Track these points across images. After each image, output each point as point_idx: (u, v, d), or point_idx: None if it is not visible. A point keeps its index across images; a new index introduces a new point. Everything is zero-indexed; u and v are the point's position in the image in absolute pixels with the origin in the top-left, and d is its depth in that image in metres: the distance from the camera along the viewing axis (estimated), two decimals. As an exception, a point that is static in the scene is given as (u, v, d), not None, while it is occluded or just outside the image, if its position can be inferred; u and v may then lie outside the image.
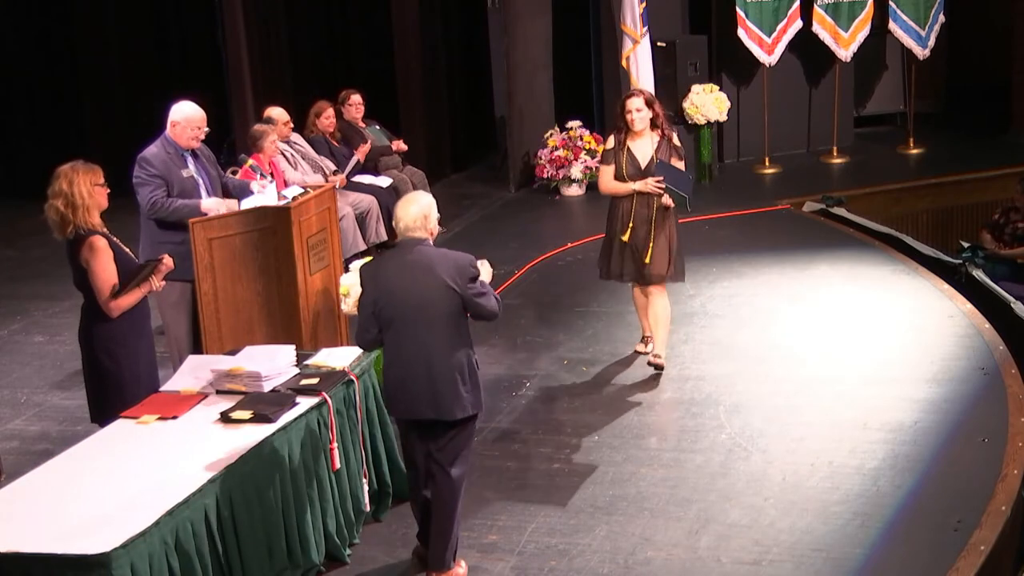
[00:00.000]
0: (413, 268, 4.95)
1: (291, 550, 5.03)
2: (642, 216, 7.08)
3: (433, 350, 4.95)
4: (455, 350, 4.97)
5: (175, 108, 6.65)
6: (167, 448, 4.88)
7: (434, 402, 4.96)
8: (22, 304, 9.47)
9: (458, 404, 4.98)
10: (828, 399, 6.82)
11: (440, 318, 4.93)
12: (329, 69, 13.45)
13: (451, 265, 4.96)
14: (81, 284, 5.51)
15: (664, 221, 7.10)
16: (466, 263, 5.00)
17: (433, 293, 4.92)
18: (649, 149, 7.05)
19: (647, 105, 7.05)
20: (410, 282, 4.94)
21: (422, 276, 4.93)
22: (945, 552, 5.13)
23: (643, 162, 7.04)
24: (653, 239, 7.06)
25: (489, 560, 5.33)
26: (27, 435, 6.98)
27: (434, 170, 11.61)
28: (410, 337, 4.96)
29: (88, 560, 4.01)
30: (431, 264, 4.94)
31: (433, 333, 4.94)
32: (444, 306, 4.93)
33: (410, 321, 4.94)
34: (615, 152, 7.11)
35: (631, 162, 7.06)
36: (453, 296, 4.93)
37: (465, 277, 4.96)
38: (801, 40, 12.55)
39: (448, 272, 4.93)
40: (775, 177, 12.56)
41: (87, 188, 5.41)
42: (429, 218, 5.03)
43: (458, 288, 4.93)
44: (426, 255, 4.98)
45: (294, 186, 7.48)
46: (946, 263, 9.21)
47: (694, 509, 5.68)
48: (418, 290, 4.92)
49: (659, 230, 7.07)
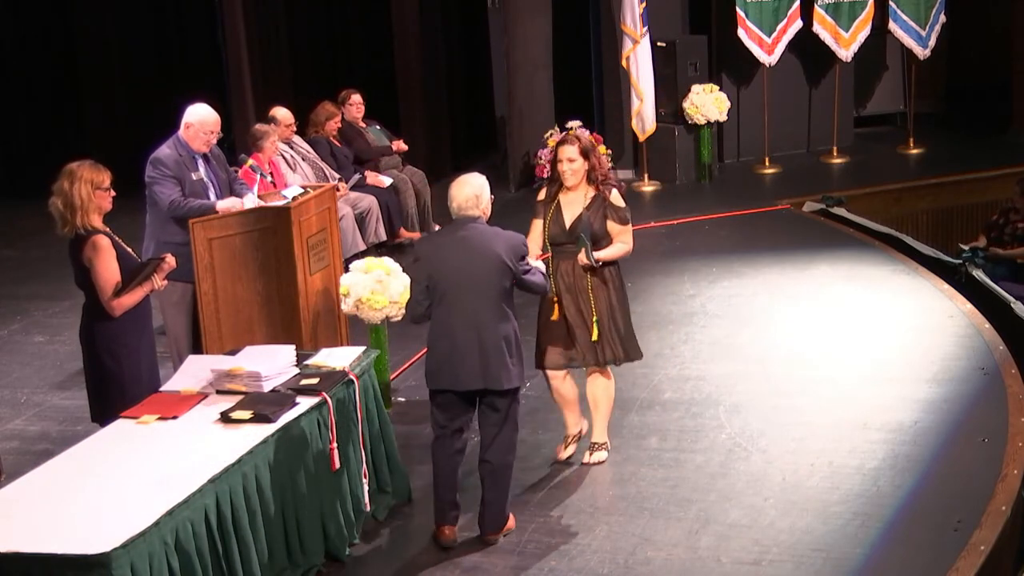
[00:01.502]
0: (469, 244, 5.26)
1: (291, 550, 5.03)
2: (567, 285, 5.89)
3: (484, 323, 5.24)
4: (503, 323, 5.27)
5: (190, 110, 6.65)
6: (167, 448, 4.88)
7: (484, 372, 5.25)
8: (22, 304, 9.47)
9: (505, 374, 5.27)
10: (828, 399, 6.82)
11: (492, 292, 5.24)
12: (329, 69, 13.45)
13: (505, 243, 5.28)
14: (83, 283, 5.51)
15: (604, 285, 5.92)
16: (519, 242, 5.33)
17: (487, 268, 5.23)
18: (579, 207, 5.88)
19: (582, 155, 5.85)
20: (465, 258, 5.24)
21: (478, 252, 5.24)
22: (945, 552, 5.12)
23: (568, 221, 5.87)
24: (595, 310, 5.90)
25: (489, 560, 5.33)
26: (27, 435, 6.98)
27: (434, 170, 11.60)
28: (462, 310, 5.25)
29: (88, 560, 4.01)
30: (487, 241, 5.26)
31: (484, 306, 5.24)
32: (497, 281, 5.24)
33: (463, 294, 5.25)
34: (544, 204, 5.97)
35: (556, 220, 5.89)
36: (506, 272, 5.24)
37: (517, 255, 5.28)
38: (801, 40, 12.54)
39: (504, 249, 5.25)
40: (775, 177, 12.56)
41: (87, 190, 5.41)
42: (481, 198, 5.32)
43: (512, 265, 5.24)
44: (481, 232, 5.29)
45: (294, 186, 7.49)
46: (946, 263, 9.21)
47: (694, 509, 5.68)
48: (473, 266, 5.23)
49: (599, 296, 5.89)
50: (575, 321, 5.90)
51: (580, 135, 6.05)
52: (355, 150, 9.93)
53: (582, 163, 5.84)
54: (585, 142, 5.92)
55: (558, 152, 5.88)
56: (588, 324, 5.88)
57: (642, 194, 12.08)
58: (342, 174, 9.49)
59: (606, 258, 5.86)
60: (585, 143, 5.91)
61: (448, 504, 5.46)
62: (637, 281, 9.13)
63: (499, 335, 5.25)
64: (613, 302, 5.92)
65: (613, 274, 5.94)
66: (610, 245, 5.88)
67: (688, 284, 9.05)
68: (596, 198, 5.87)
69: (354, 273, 6.67)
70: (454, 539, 5.45)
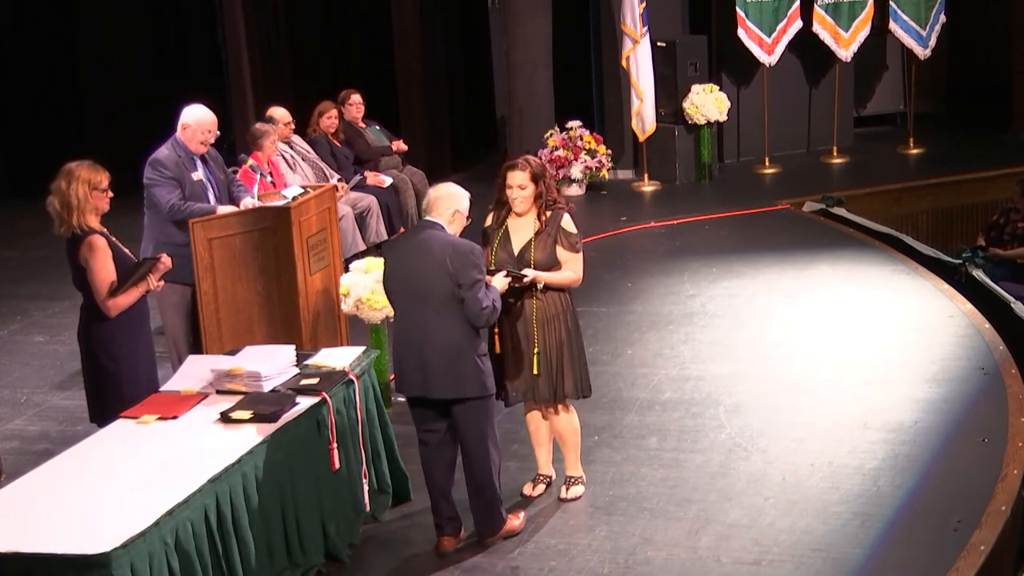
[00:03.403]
0: (419, 249, 5.16)
1: (291, 550, 5.03)
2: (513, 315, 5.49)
3: (427, 330, 5.11)
4: (451, 332, 5.08)
5: (186, 111, 6.65)
6: (167, 448, 4.88)
7: (424, 380, 5.15)
8: (22, 304, 9.47)
9: (448, 384, 5.13)
10: (828, 399, 6.82)
11: (435, 299, 5.08)
12: (329, 69, 13.45)
13: (449, 248, 5.09)
14: (80, 284, 5.51)
15: (555, 317, 5.52)
16: (467, 250, 5.11)
17: (429, 274, 5.07)
18: (529, 232, 5.52)
19: (532, 181, 5.48)
20: (410, 262, 5.16)
21: (421, 257, 5.12)
22: (945, 552, 5.12)
23: (517, 248, 5.53)
24: (537, 342, 5.49)
25: (489, 560, 5.33)
26: (27, 435, 6.98)
27: (434, 170, 11.59)
28: (407, 315, 5.19)
29: (88, 560, 4.01)
30: (431, 246, 5.11)
31: (427, 313, 5.10)
32: (439, 288, 5.06)
33: (408, 300, 5.16)
34: (492, 230, 5.61)
35: (504, 247, 5.54)
36: (445, 279, 5.05)
37: (462, 263, 5.05)
38: (801, 40, 12.54)
39: (445, 253, 5.06)
40: (775, 177, 12.55)
41: (83, 191, 5.40)
42: (447, 204, 5.20)
43: (454, 274, 5.03)
44: (430, 237, 5.16)
45: (294, 186, 7.49)
46: (946, 263, 9.21)
47: (694, 509, 5.68)
48: (416, 270, 5.12)
49: (547, 329, 5.51)
50: (518, 353, 5.53)
51: (530, 160, 5.60)
52: (355, 150, 9.93)
53: (532, 189, 5.50)
54: (535, 166, 5.54)
55: (506, 177, 5.52)
56: (528, 354, 5.50)
57: (642, 194, 12.08)
58: (342, 174, 9.48)
59: (550, 281, 5.45)
60: (535, 167, 5.53)
61: (446, 518, 5.40)
62: (637, 281, 9.14)
63: (444, 343, 5.08)
64: (562, 335, 5.52)
65: (563, 304, 5.53)
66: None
67: (688, 284, 9.05)
68: (548, 225, 5.50)
69: (354, 273, 6.67)
70: (454, 548, 5.40)
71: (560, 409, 5.71)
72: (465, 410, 5.20)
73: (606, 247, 10.16)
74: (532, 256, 5.47)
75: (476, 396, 5.19)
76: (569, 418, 5.75)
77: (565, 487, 5.85)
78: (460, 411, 5.21)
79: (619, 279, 9.23)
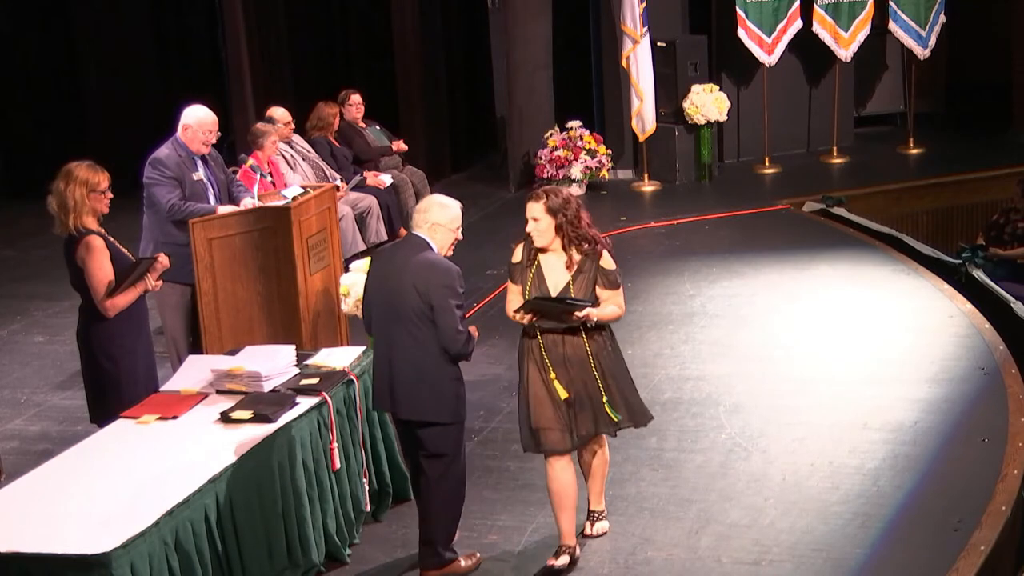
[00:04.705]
0: (394, 262, 5.02)
1: (291, 550, 5.03)
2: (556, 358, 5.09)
3: (395, 347, 4.98)
4: (421, 352, 4.92)
5: (187, 111, 6.66)
6: (167, 448, 4.88)
7: (392, 399, 5.04)
8: (22, 304, 9.47)
9: (414, 406, 4.97)
10: (828, 399, 6.82)
11: (406, 317, 4.91)
12: (329, 69, 13.45)
13: (426, 267, 4.90)
14: (78, 284, 5.51)
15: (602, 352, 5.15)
16: (443, 270, 4.91)
17: (402, 290, 4.92)
18: (563, 272, 5.07)
19: (549, 213, 5.00)
20: (387, 276, 5.02)
21: (396, 272, 4.97)
22: (945, 552, 5.13)
23: (553, 290, 5.06)
24: (600, 375, 5.11)
25: (489, 560, 5.32)
26: (27, 435, 6.98)
27: (434, 170, 11.61)
28: (380, 330, 5.07)
29: (88, 560, 4.02)
30: (408, 262, 4.95)
31: (397, 331, 4.96)
32: (410, 305, 4.89)
33: (382, 315, 5.03)
34: (522, 268, 5.15)
35: (538, 287, 5.08)
36: (417, 297, 4.87)
37: (436, 284, 4.86)
38: (801, 40, 12.54)
39: (421, 272, 4.89)
40: (775, 177, 12.56)
41: (81, 192, 5.40)
42: (432, 217, 5.00)
43: (420, 291, 4.86)
44: (410, 252, 4.99)
45: (294, 186, 7.49)
46: (946, 263, 9.21)
47: (694, 509, 5.68)
48: (391, 285, 4.98)
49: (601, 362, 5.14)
50: (576, 395, 5.09)
51: (551, 190, 5.09)
52: (355, 150, 9.93)
53: (549, 222, 5.01)
54: (554, 200, 5.01)
55: (526, 208, 5.09)
56: (593, 396, 5.10)
57: (642, 194, 12.08)
58: (342, 174, 9.48)
59: (601, 317, 5.08)
60: (553, 201, 5.01)
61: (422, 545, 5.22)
62: (637, 281, 9.13)
63: (411, 364, 4.91)
64: (613, 369, 5.17)
65: (607, 339, 5.19)
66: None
67: (688, 284, 9.05)
68: (585, 262, 5.05)
69: (354, 273, 6.67)
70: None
71: (598, 442, 5.34)
72: (430, 435, 5.01)
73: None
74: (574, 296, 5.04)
75: (442, 422, 4.99)
76: (603, 451, 5.41)
77: (590, 523, 5.49)
78: (425, 436, 5.03)
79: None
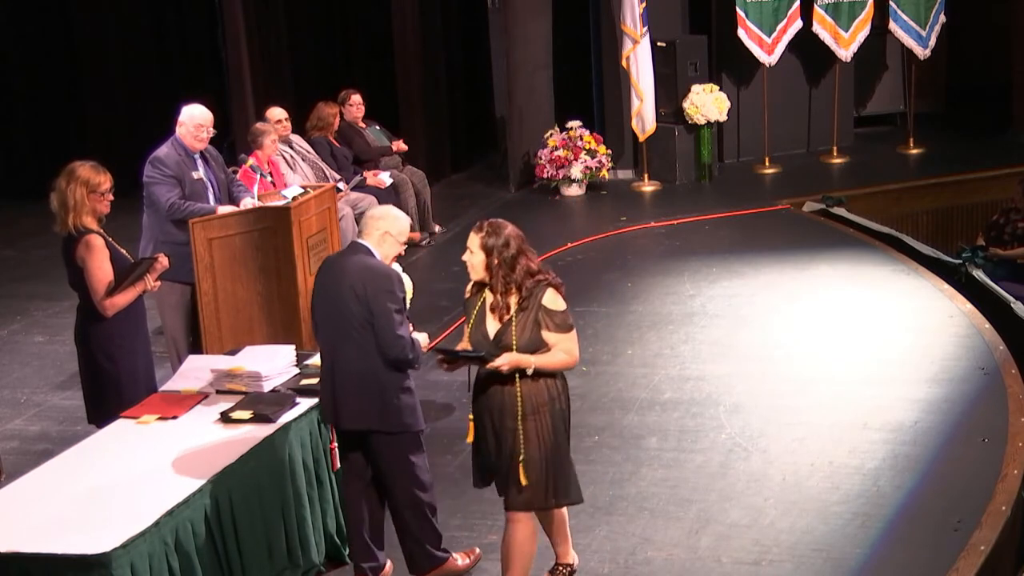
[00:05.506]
0: (337, 269, 4.94)
1: (291, 550, 5.03)
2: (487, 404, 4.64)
3: (339, 356, 4.88)
4: (365, 360, 4.82)
5: (183, 109, 6.69)
6: (167, 448, 4.88)
7: (333, 409, 4.94)
8: (22, 304, 9.47)
9: (357, 414, 4.87)
10: (828, 399, 6.82)
11: (348, 324, 4.82)
12: (329, 69, 13.45)
13: (366, 272, 4.82)
14: (77, 284, 5.50)
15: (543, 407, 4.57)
16: (382, 274, 4.83)
17: (344, 297, 4.82)
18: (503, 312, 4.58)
19: (484, 249, 4.54)
20: (329, 283, 4.93)
21: (336, 278, 4.89)
22: (945, 552, 5.13)
23: (492, 330, 4.59)
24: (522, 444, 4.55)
25: (489, 560, 5.32)
26: (27, 435, 6.98)
27: (434, 170, 11.61)
28: (322, 338, 4.97)
29: (88, 560, 4.01)
30: (349, 268, 4.87)
31: (341, 339, 4.85)
32: (352, 312, 4.79)
33: (324, 323, 4.94)
34: (470, 305, 4.72)
35: (478, 326, 4.64)
36: (358, 303, 4.78)
37: (375, 289, 4.77)
38: (801, 40, 12.54)
39: (361, 277, 4.81)
40: (775, 177, 12.55)
41: (81, 192, 5.40)
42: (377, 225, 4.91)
43: (362, 296, 4.77)
44: (351, 259, 4.91)
45: (294, 186, 7.49)
46: (946, 263, 9.21)
47: (694, 509, 5.68)
48: (333, 293, 4.88)
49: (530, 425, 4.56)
50: (494, 450, 4.65)
51: (495, 226, 4.58)
52: (355, 150, 9.93)
53: (482, 258, 4.55)
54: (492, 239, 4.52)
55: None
56: (513, 460, 4.58)
57: (642, 194, 12.07)
58: (342, 175, 9.48)
59: (542, 366, 4.54)
60: (489, 240, 4.52)
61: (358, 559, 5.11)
62: (637, 281, 9.14)
63: (356, 372, 4.81)
64: (547, 432, 4.57)
65: (553, 391, 4.61)
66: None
67: (688, 284, 9.05)
68: (525, 302, 4.55)
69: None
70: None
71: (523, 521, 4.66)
72: (380, 444, 4.91)
73: (606, 247, 10.17)
74: (513, 339, 4.53)
75: (388, 431, 4.88)
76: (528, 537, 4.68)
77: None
78: (376, 444, 4.92)
79: (619, 279, 9.23)
